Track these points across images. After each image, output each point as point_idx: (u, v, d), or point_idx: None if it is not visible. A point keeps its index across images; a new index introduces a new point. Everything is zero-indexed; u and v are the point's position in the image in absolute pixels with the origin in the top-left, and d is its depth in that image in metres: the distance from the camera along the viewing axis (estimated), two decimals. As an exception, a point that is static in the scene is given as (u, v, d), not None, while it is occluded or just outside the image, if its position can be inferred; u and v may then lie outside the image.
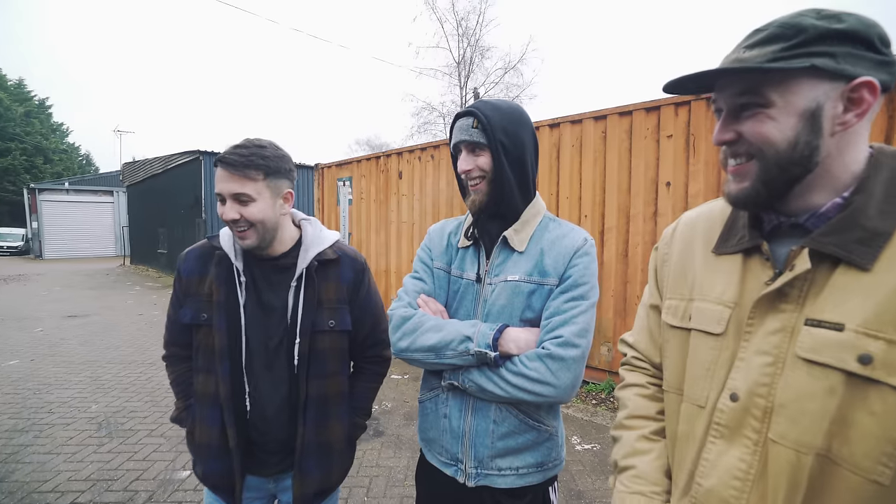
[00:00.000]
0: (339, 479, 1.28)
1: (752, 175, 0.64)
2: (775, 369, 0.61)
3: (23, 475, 2.72)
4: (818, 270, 0.60)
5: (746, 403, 0.63)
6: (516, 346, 0.98)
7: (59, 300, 9.58)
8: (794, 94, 0.58)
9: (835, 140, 0.60)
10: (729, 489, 0.64)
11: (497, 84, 20.67)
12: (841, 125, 0.59)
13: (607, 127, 4.00)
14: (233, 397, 1.14)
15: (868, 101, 0.57)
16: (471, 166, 1.04)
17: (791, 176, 0.61)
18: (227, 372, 1.13)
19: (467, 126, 1.03)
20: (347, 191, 6.90)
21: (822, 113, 0.58)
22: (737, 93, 0.62)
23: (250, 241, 1.12)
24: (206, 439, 1.17)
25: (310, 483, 1.19)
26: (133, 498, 2.50)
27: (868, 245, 0.57)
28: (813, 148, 0.59)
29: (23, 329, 6.77)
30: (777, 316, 0.62)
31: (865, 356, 0.54)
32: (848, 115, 0.58)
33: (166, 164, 14.80)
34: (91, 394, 4.10)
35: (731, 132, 0.64)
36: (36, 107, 34.15)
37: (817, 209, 0.63)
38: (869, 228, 0.58)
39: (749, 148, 0.63)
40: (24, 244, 26.34)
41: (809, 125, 0.59)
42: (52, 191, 24.64)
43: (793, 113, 0.59)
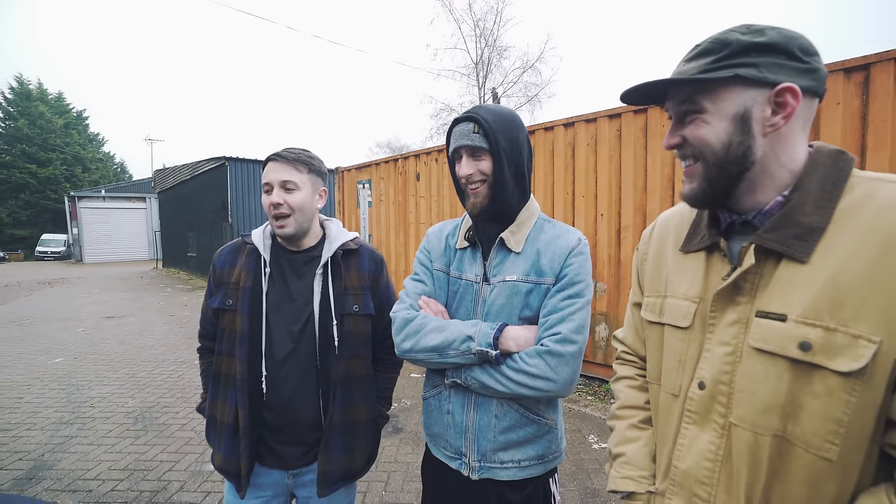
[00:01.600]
0: (363, 466, 1.34)
1: (698, 175, 0.70)
2: (734, 358, 0.67)
3: (69, 464, 2.93)
4: (766, 264, 0.66)
5: (712, 391, 0.69)
6: (516, 343, 1.03)
7: (98, 302, 10.09)
8: (724, 101, 0.65)
9: (768, 140, 0.66)
10: (701, 470, 0.70)
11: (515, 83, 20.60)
12: (771, 126, 0.65)
13: (622, 125, 3.98)
14: (249, 379, 1.21)
15: (792, 105, 0.63)
16: (472, 170, 1.08)
17: (730, 174, 0.67)
18: (245, 355, 1.22)
19: (468, 131, 1.06)
20: (367, 193, 7.03)
21: (751, 116, 0.64)
22: (679, 101, 0.70)
23: (289, 229, 1.24)
24: (224, 418, 1.25)
25: (334, 462, 1.25)
26: (166, 487, 2.66)
27: (804, 240, 0.62)
28: (745, 148, 0.65)
29: (66, 329, 7.19)
30: (734, 308, 0.68)
31: (805, 343, 0.59)
32: (776, 118, 0.64)
33: (194, 170, 15.35)
34: (128, 390, 4.35)
35: (678, 137, 0.71)
36: (74, 118, 35.85)
37: (763, 207, 0.68)
38: (804, 224, 0.63)
39: (692, 151, 0.70)
40: (66, 249, 27.85)
41: (740, 127, 0.65)
42: (90, 198, 25.93)
43: (724, 117, 0.65)
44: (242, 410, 1.20)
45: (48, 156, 32.48)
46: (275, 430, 1.25)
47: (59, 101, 35.21)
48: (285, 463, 1.26)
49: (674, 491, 0.74)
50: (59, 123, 33.62)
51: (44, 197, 32.30)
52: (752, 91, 0.63)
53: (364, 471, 1.36)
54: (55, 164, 32.62)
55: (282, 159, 1.24)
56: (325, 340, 1.25)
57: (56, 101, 34.94)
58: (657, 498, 0.79)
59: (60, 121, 33.91)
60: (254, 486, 1.26)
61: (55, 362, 5.31)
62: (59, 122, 33.75)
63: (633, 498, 0.84)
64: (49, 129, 32.84)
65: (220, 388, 1.26)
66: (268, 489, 1.28)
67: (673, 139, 0.72)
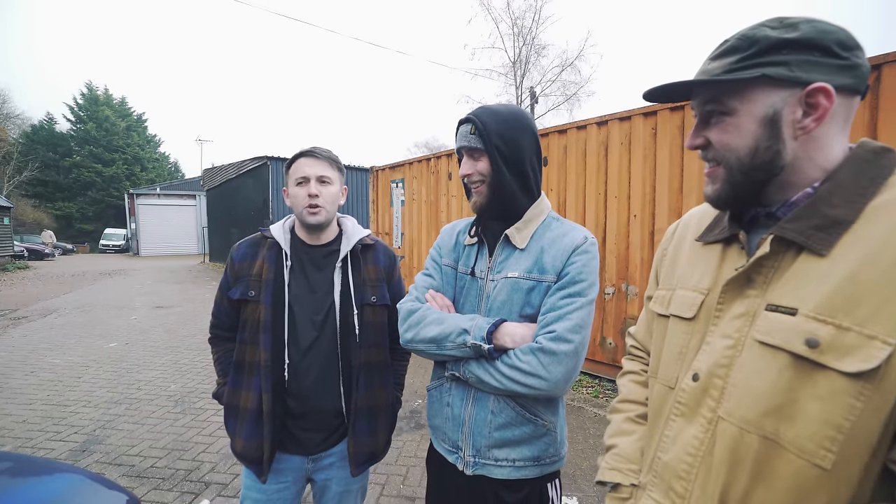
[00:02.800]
0: (384, 447, 1.41)
1: (720, 178, 0.67)
2: (735, 352, 0.64)
3: (116, 440, 3.17)
4: (784, 257, 0.62)
5: (706, 384, 0.66)
6: (511, 339, 1.02)
7: (150, 293, 10.81)
8: (752, 102, 0.61)
9: (800, 144, 0.61)
10: (681, 464, 0.67)
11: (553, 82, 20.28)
12: (801, 129, 0.60)
13: (658, 123, 3.84)
14: (272, 367, 1.27)
15: (824, 106, 0.58)
16: (470, 170, 1.09)
17: (755, 180, 0.64)
18: (269, 344, 1.27)
19: (466, 132, 1.08)
20: (400, 192, 7.13)
21: (781, 118, 0.60)
22: (703, 101, 0.66)
23: (319, 218, 1.32)
24: (247, 404, 1.30)
25: (362, 444, 1.32)
26: (199, 467, 2.82)
27: (826, 232, 0.58)
28: (774, 153, 0.62)
29: (121, 316, 7.74)
30: (742, 301, 0.65)
31: (813, 340, 0.55)
32: (807, 120, 0.60)
33: (239, 169, 16.10)
34: (171, 375, 4.63)
35: (701, 138, 0.68)
36: (135, 121, 38.52)
37: (790, 199, 0.65)
38: (829, 216, 0.58)
39: (715, 154, 0.67)
40: (125, 243, 30.02)
41: (769, 131, 0.61)
42: (146, 195, 27.79)
43: (752, 120, 0.61)
44: (266, 396, 1.25)
45: (112, 156, 35.10)
46: (297, 417, 1.30)
47: (122, 105, 37.95)
48: (306, 449, 1.31)
49: (654, 483, 0.72)
50: (121, 126, 36.25)
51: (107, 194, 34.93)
52: (782, 91, 0.59)
53: (384, 451, 1.43)
54: (118, 163, 35.22)
55: (318, 156, 1.33)
56: (346, 329, 1.31)
57: (119, 105, 37.68)
58: (639, 491, 0.77)
59: (123, 123, 36.55)
60: (274, 471, 1.30)
61: (110, 347, 5.73)
62: (122, 125, 36.38)
63: (617, 490, 0.82)
64: (113, 132, 35.49)
65: (242, 376, 1.32)
66: (288, 474, 1.32)
67: (697, 140, 0.69)
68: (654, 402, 0.77)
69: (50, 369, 4.78)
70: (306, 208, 1.31)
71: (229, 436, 1.35)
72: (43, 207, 33.77)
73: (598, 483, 0.86)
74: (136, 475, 2.71)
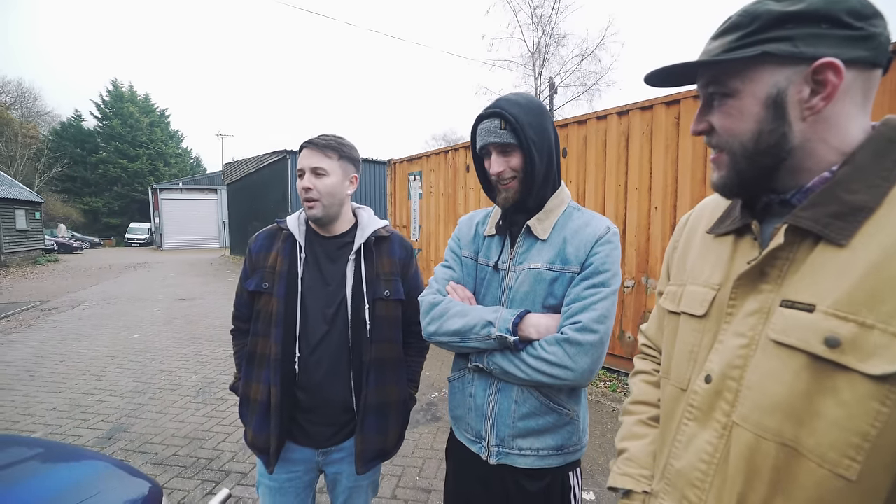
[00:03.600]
0: (394, 445, 1.38)
1: (725, 165, 0.63)
2: (749, 351, 0.59)
3: (140, 428, 3.25)
4: (800, 248, 0.57)
5: (719, 386, 0.62)
6: (536, 331, 1.01)
7: (173, 285, 11.09)
8: (754, 83, 0.57)
9: (809, 125, 0.56)
10: (695, 471, 0.63)
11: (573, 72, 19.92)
12: (809, 109, 0.55)
13: (681, 112, 3.71)
14: (283, 360, 1.26)
15: (833, 83, 0.53)
16: (503, 168, 1.05)
17: (762, 166, 0.60)
18: (280, 337, 1.26)
19: (495, 128, 1.03)
20: (417, 185, 7.12)
21: (786, 98, 0.56)
22: (705, 83, 0.62)
23: (315, 212, 1.28)
24: (258, 396, 1.31)
25: (370, 441, 1.29)
26: (219, 456, 2.87)
27: (845, 219, 0.53)
28: (779, 136, 0.57)
29: (145, 308, 7.96)
30: (756, 297, 0.60)
31: (833, 339, 0.50)
32: (815, 100, 0.55)
33: (259, 163, 16.33)
34: (192, 366, 4.74)
35: (704, 123, 0.64)
36: (158, 117, 39.41)
37: (805, 184, 0.60)
38: (847, 202, 0.54)
39: (719, 140, 0.63)
40: (149, 236, 30.86)
41: (773, 112, 0.57)
42: (169, 190, 28.47)
43: (755, 101, 0.57)
44: (275, 389, 1.25)
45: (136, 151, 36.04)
46: (307, 410, 1.30)
47: (146, 101, 38.87)
48: (316, 442, 1.31)
49: (667, 491, 0.68)
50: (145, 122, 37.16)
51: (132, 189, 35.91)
52: (787, 69, 0.55)
53: (395, 450, 1.40)
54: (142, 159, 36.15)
55: (313, 146, 1.28)
56: (358, 324, 1.28)
57: (143, 102, 38.60)
58: (651, 499, 0.74)
59: (147, 119, 37.46)
60: (285, 461, 1.31)
61: (134, 338, 5.89)
62: (146, 121, 37.29)
63: (630, 497, 0.78)
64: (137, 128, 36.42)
65: (253, 369, 1.32)
66: (299, 464, 1.33)
67: (700, 125, 0.64)
68: (666, 405, 0.73)
69: (78, 359, 4.94)
70: (304, 202, 1.29)
71: (244, 425, 1.36)
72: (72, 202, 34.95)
73: (609, 489, 0.83)
74: (159, 463, 2.78)
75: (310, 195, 1.27)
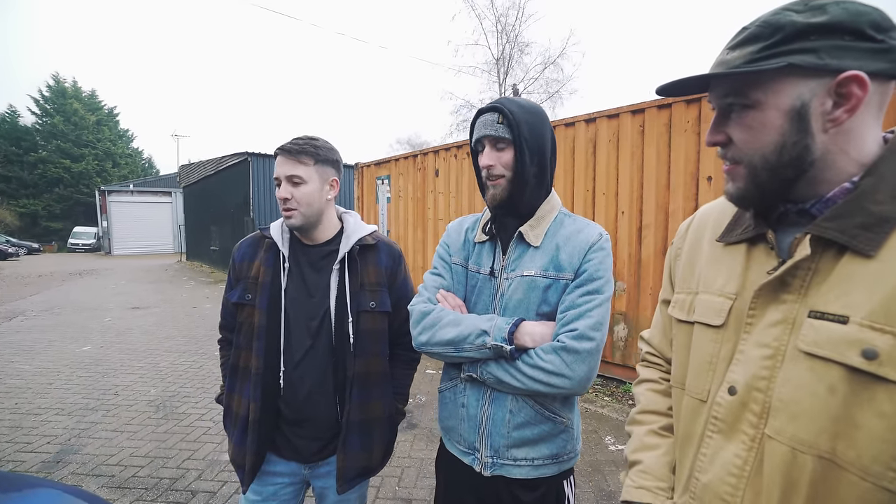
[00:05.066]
0: (380, 462, 1.34)
1: (742, 177, 0.63)
2: (774, 362, 0.59)
3: (94, 448, 3.02)
4: (823, 258, 0.57)
5: (744, 398, 0.61)
6: (531, 339, 1.01)
7: (125, 293, 10.42)
8: (777, 94, 0.57)
9: (830, 137, 0.57)
10: (724, 485, 0.63)
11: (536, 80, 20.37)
12: (832, 122, 0.56)
13: (645, 121, 3.87)
14: (264, 374, 1.21)
15: (857, 96, 0.54)
16: (493, 161, 1.05)
17: (783, 178, 0.60)
18: (263, 350, 1.21)
19: (492, 121, 1.04)
20: (386, 189, 7.05)
21: (809, 111, 0.56)
22: (723, 94, 0.62)
23: (294, 221, 1.23)
24: (239, 410, 1.25)
25: (353, 459, 1.24)
26: (185, 475, 2.71)
27: (872, 230, 0.54)
28: (802, 148, 0.57)
29: (94, 318, 7.44)
30: (778, 307, 0.60)
31: (870, 351, 0.50)
32: (838, 112, 0.55)
33: (218, 165, 15.69)
34: (150, 379, 4.46)
35: (721, 134, 0.63)
36: (106, 115, 37.05)
37: (824, 195, 0.60)
38: (875, 213, 0.54)
39: (737, 152, 0.62)
40: (96, 241, 28.92)
41: (796, 125, 0.57)
42: (119, 192, 26.85)
43: (778, 113, 0.57)
44: (255, 405, 1.20)
45: (81, 151, 33.69)
46: (292, 424, 1.25)
47: (91, 98, 36.43)
48: (302, 456, 1.26)
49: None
50: (91, 120, 34.81)
51: (76, 191, 33.53)
52: (811, 81, 0.55)
53: (381, 466, 1.35)
54: (87, 159, 33.82)
55: (286, 153, 1.22)
56: (341, 337, 1.24)
57: (89, 99, 36.16)
58: None
59: (93, 117, 35.11)
60: (270, 473, 1.27)
61: (83, 350, 5.49)
62: (92, 119, 34.95)
63: None
64: (82, 126, 34.06)
65: (236, 381, 1.27)
66: (284, 477, 1.28)
67: (717, 136, 0.63)
68: (685, 417, 0.73)
69: (17, 375, 4.55)
70: (282, 211, 1.24)
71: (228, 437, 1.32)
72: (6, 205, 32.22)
73: (623, 502, 0.81)
74: (117, 486, 2.59)
75: (288, 205, 1.22)
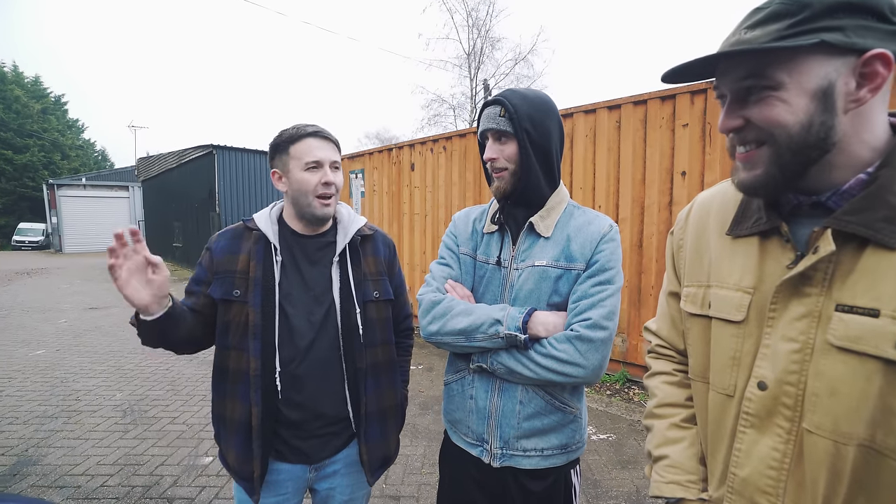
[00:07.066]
0: (396, 449, 1.34)
1: (763, 161, 0.61)
2: (803, 356, 0.60)
3: (54, 459, 2.83)
4: (844, 252, 0.58)
5: (776, 392, 0.62)
6: (545, 328, 1.01)
7: (80, 293, 9.83)
8: (804, 74, 0.56)
9: (849, 118, 0.57)
10: (764, 478, 0.64)
11: (507, 75, 20.50)
12: (854, 102, 0.56)
13: (622, 116, 3.95)
14: (263, 375, 1.15)
15: (882, 75, 0.54)
16: (496, 154, 1.06)
17: (807, 159, 0.59)
18: (259, 350, 1.15)
19: (494, 114, 1.05)
20: (360, 183, 6.93)
21: (835, 90, 0.56)
22: (741, 76, 0.60)
23: (331, 210, 1.22)
24: (234, 415, 1.18)
25: (375, 449, 1.24)
26: (159, 482, 2.58)
27: (895, 223, 0.54)
28: (828, 128, 0.57)
29: (47, 320, 6.97)
30: (802, 301, 0.61)
31: None
32: (862, 91, 0.55)
33: (180, 158, 14.99)
34: (115, 382, 4.23)
35: (739, 118, 0.62)
36: (52, 104, 34.68)
37: (840, 186, 0.60)
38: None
39: (759, 134, 0.60)
40: (44, 239, 27.01)
41: (822, 105, 0.56)
42: (69, 186, 25.20)
43: (804, 93, 0.56)
44: (256, 409, 1.14)
45: (25, 142, 31.37)
46: (294, 426, 1.19)
47: (35, 84, 34.01)
48: (308, 458, 1.21)
49: (732, 500, 0.68)
50: (36, 108, 32.46)
51: (20, 185, 31.23)
52: (836, 61, 0.54)
53: (396, 454, 1.36)
54: (32, 150, 31.50)
55: (325, 138, 1.20)
56: (349, 329, 1.20)
57: (32, 85, 33.74)
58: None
59: (38, 106, 32.75)
60: (272, 483, 1.20)
61: (36, 354, 5.14)
62: (37, 108, 32.59)
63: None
64: (25, 115, 31.71)
65: (226, 384, 1.19)
66: (287, 485, 1.22)
67: (733, 121, 0.61)
68: (713, 412, 0.73)
69: (-36, 383, 4.21)
70: (318, 198, 1.18)
71: (219, 446, 1.23)
72: (-61, 199, 29.76)
73: (654, 497, 0.81)
74: (85, 496, 2.44)
75: (330, 191, 1.19)
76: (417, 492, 2.50)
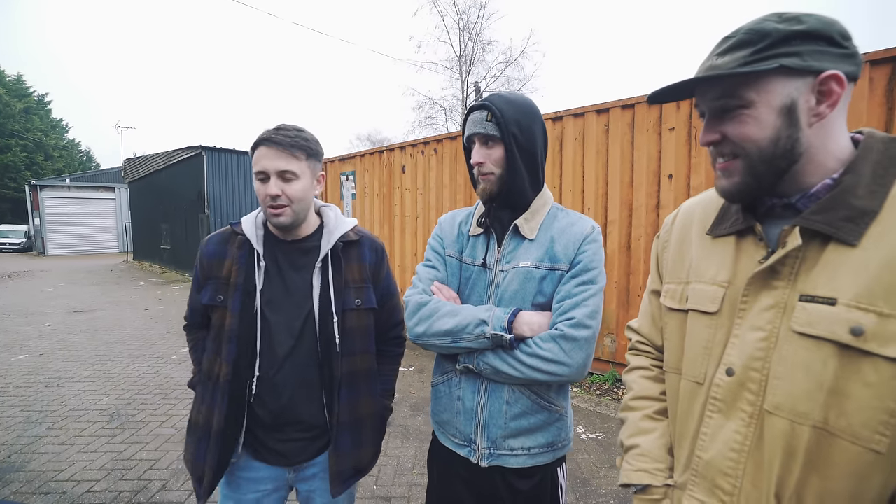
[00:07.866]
0: (371, 461, 1.30)
1: (739, 171, 0.68)
2: (769, 343, 0.65)
3: (39, 465, 2.78)
4: (809, 248, 0.64)
5: (742, 377, 0.67)
6: (529, 328, 1.03)
7: (64, 296, 9.65)
8: (770, 93, 0.63)
9: (814, 131, 0.64)
10: (726, 460, 0.68)
11: (498, 78, 20.60)
12: (816, 116, 0.63)
13: (610, 120, 4.01)
14: (232, 381, 1.14)
15: (837, 92, 0.62)
16: (483, 159, 1.08)
17: (777, 168, 0.65)
18: (232, 356, 1.14)
19: (481, 119, 1.06)
20: (350, 185, 6.91)
21: (797, 107, 0.63)
22: (717, 96, 0.67)
23: (285, 219, 1.15)
24: (198, 418, 1.18)
25: (344, 460, 1.21)
26: (147, 486, 2.56)
27: (855, 222, 0.60)
28: (794, 141, 0.64)
29: (30, 324, 6.84)
30: (770, 293, 0.66)
31: (857, 328, 0.57)
32: (821, 107, 0.63)
33: (168, 159, 14.81)
34: (101, 387, 4.17)
35: (716, 133, 0.69)
36: (35, 103, 34.03)
37: (808, 190, 0.66)
38: (856, 207, 0.61)
39: (733, 148, 0.67)
40: (26, 241, 26.40)
41: (787, 120, 0.63)
42: (53, 187, 24.68)
43: (772, 110, 0.63)
44: (219, 415, 1.13)
45: (6, 142, 30.74)
46: (274, 429, 1.19)
47: (18, 83, 33.36)
48: (287, 460, 1.22)
49: (695, 482, 0.72)
50: (18, 108, 31.84)
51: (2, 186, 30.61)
52: (796, 81, 0.62)
53: (371, 465, 1.31)
54: (14, 150, 30.89)
55: (277, 145, 1.11)
56: (327, 337, 1.19)
57: (14, 84, 33.08)
58: (676, 491, 0.77)
59: (20, 105, 32.13)
60: (253, 480, 1.21)
61: (19, 359, 5.04)
62: (19, 107, 31.97)
63: (648, 492, 0.81)
64: (7, 114, 31.08)
65: (207, 387, 1.19)
66: (267, 483, 1.23)
67: (712, 135, 0.69)
68: (683, 400, 0.77)
69: (-56, 388, 4.12)
70: (268, 208, 1.14)
71: None
72: (-82, 201, 29.00)
73: (622, 486, 0.85)
74: (70, 502, 2.40)
75: (279, 202, 1.12)
76: (408, 492, 2.51)
